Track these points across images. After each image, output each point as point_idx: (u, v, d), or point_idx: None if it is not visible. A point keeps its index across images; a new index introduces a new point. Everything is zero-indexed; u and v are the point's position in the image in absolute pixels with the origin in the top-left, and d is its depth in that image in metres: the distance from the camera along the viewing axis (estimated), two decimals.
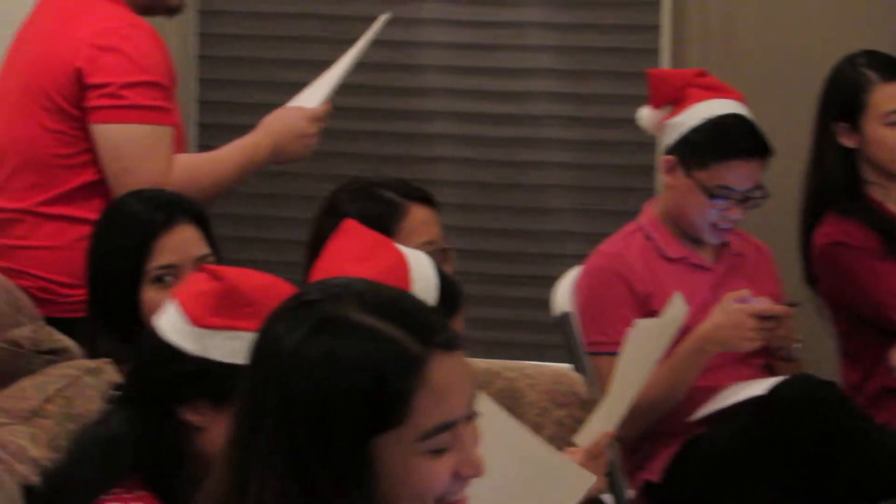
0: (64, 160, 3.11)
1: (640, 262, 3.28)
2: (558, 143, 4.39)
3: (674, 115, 3.25)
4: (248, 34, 4.61)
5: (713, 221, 3.15)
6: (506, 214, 4.29)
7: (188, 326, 1.90)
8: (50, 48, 3.13)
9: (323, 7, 4.41)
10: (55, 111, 3.08)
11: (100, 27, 3.07)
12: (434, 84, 4.39)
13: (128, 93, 3.03)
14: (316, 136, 3.22)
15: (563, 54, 4.43)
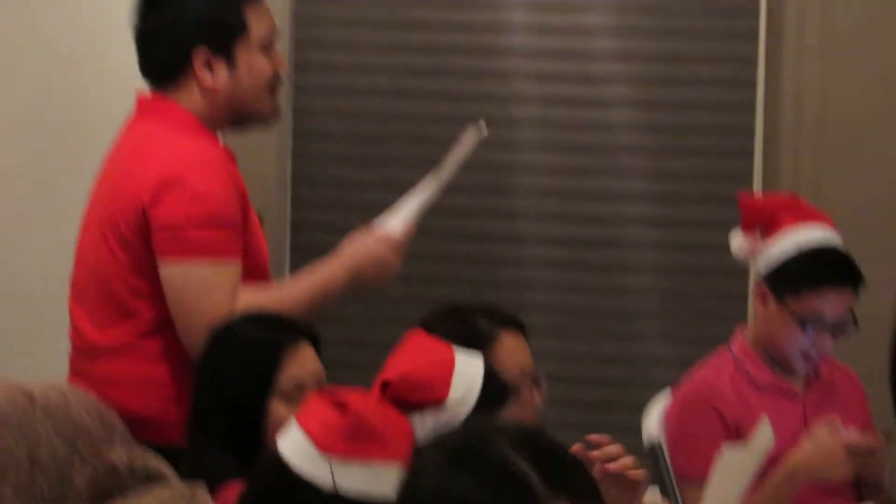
0: (136, 295, 3.17)
1: (731, 389, 3.28)
2: (650, 268, 4.40)
3: (766, 242, 3.25)
4: (340, 154, 4.62)
5: (804, 350, 3.14)
6: (596, 340, 4.28)
7: (316, 454, 1.91)
8: (124, 179, 3.19)
9: (416, 128, 4.46)
10: (127, 245, 3.13)
11: (168, 161, 3.13)
12: (525, 209, 4.40)
13: (187, 228, 3.07)
14: (397, 264, 3.18)
15: (655, 179, 4.43)
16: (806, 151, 4.37)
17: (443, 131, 4.16)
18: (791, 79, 4.38)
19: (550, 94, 4.60)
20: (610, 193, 4.47)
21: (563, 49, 4.58)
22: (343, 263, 3.12)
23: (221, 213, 3.05)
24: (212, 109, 3.15)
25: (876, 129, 4.41)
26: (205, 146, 3.13)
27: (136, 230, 3.03)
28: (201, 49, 3.05)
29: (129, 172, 3.13)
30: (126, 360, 3.09)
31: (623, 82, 4.55)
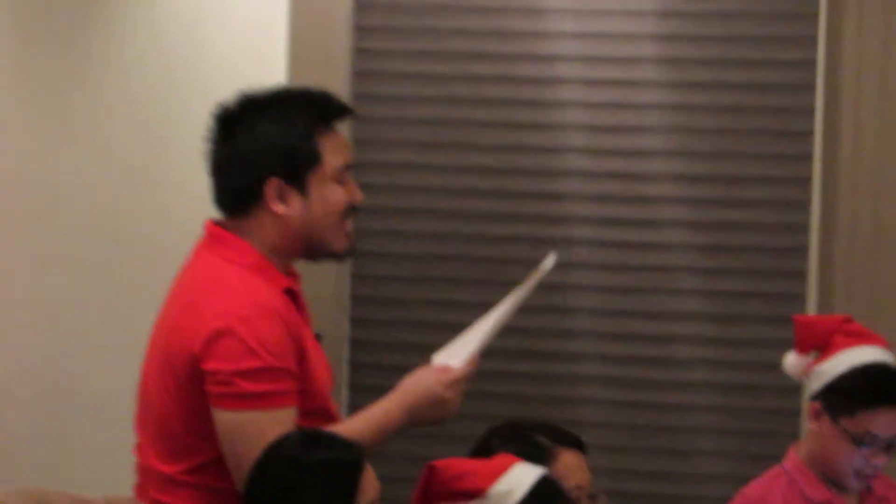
0: (193, 433, 3.10)
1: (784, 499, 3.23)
2: (704, 385, 4.42)
3: (820, 362, 3.20)
4: (397, 276, 4.69)
5: (858, 468, 3.08)
6: (652, 456, 4.30)
7: None
8: (180, 321, 3.13)
9: (477, 249, 4.51)
10: (181, 386, 3.09)
11: (221, 308, 3.03)
12: (582, 326, 4.56)
13: (238, 380, 2.99)
14: (457, 401, 3.09)
15: (710, 298, 4.49)
16: (859, 271, 4.39)
17: (510, 252, 4.37)
18: (845, 207, 4.42)
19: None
20: (664, 312, 4.53)
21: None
22: (401, 401, 3.07)
23: (273, 365, 2.99)
24: (283, 241, 3.11)
25: None
26: (264, 294, 3.06)
27: (189, 376, 3.01)
28: (274, 180, 3.01)
29: (185, 313, 3.10)
30: (180, 489, 3.08)
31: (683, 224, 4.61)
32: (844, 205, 4.43)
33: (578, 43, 4.72)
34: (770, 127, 4.55)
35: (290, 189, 2.99)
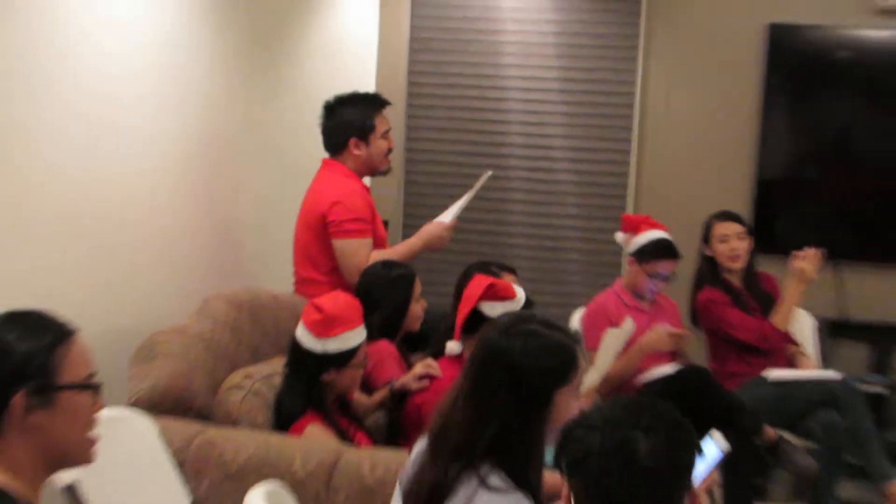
0: (322, 253, 4.41)
1: (613, 307, 4.75)
2: (579, 251, 6.35)
3: (633, 237, 4.83)
4: (432, 191, 6.59)
5: (650, 289, 4.72)
6: (547, 283, 5.94)
7: (310, 336, 3.41)
8: (314, 201, 4.39)
9: (473, 172, 6.19)
10: (316, 232, 4.38)
11: (334, 192, 4.30)
12: (512, 219, 6.54)
13: (345, 224, 4.28)
14: (447, 238, 4.51)
15: (582, 208, 6.52)
16: (652, 197, 6.28)
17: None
18: (647, 161, 6.27)
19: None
20: (552, 213, 6.30)
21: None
22: (420, 237, 4.46)
23: (359, 216, 4.28)
24: (358, 166, 4.43)
25: (686, 188, 6.25)
26: (353, 184, 4.35)
27: (320, 225, 4.30)
28: (353, 138, 4.38)
29: (317, 195, 4.38)
30: (318, 286, 4.27)
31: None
32: (645, 166, 6.33)
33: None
34: (603, 123, 6.43)
35: (361, 141, 4.40)
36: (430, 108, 6.25)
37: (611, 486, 1.71)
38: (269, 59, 5.09)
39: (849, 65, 5.83)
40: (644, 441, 1.70)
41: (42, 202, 3.60)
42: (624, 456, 1.69)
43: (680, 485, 1.75)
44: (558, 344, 2.41)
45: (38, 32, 3.44)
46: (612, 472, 1.70)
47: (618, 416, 1.77)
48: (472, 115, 6.16)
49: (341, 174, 4.36)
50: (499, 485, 2.30)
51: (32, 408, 1.91)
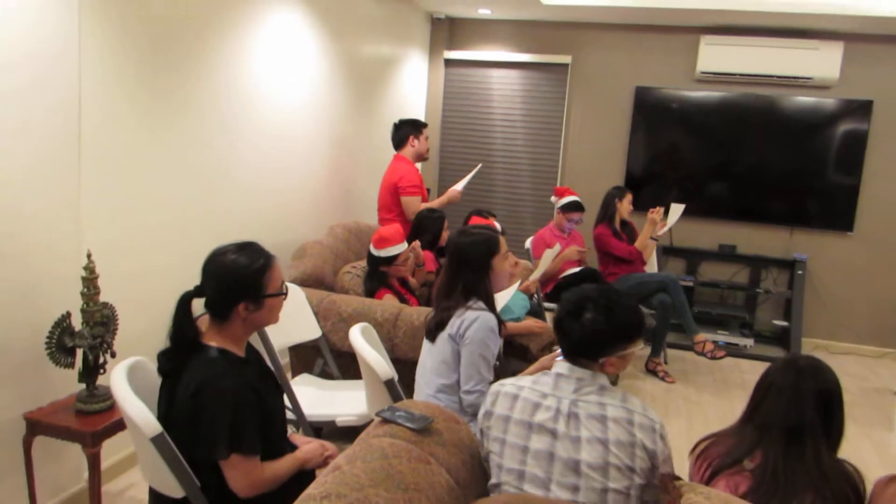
0: (395, 204, 4.31)
1: (548, 236, 4.82)
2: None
3: (559, 199, 4.88)
4: (454, 171, 6.34)
5: (568, 227, 4.86)
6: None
7: (372, 248, 3.29)
8: (391, 174, 4.34)
9: (485, 153, 6.33)
10: (393, 193, 4.29)
11: (401, 170, 4.31)
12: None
13: (407, 189, 4.26)
14: (459, 197, 4.49)
15: (510, 184, 6.33)
16: (574, 177, 6.40)
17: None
18: (568, 160, 6.33)
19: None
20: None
21: None
22: (446, 196, 4.51)
23: (415, 184, 4.29)
24: (413, 156, 4.42)
25: (589, 174, 6.26)
26: (412, 168, 4.37)
27: (394, 190, 4.28)
28: (411, 137, 4.40)
29: (392, 171, 4.35)
30: (388, 221, 4.23)
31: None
32: (567, 162, 6.29)
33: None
34: (546, 140, 6.28)
35: (417, 140, 4.39)
36: (454, 128, 6.58)
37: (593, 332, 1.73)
38: (368, 98, 5.16)
39: (678, 109, 6.01)
40: (591, 313, 1.72)
41: (251, 179, 3.70)
42: (577, 313, 1.72)
43: (612, 347, 1.74)
44: (486, 234, 2.47)
45: (227, 86, 3.42)
46: (573, 321, 1.73)
47: (583, 294, 1.77)
48: (476, 132, 6.53)
49: (404, 161, 4.43)
50: (479, 306, 2.37)
51: (250, 309, 1.85)
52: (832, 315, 6.06)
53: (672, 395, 4.61)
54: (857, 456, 3.86)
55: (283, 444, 1.99)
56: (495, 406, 1.78)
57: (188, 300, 1.86)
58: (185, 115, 3.10)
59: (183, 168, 3.15)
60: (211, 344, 1.86)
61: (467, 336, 2.30)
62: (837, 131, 5.74)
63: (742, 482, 1.69)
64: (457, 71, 6.36)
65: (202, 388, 1.76)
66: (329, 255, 3.68)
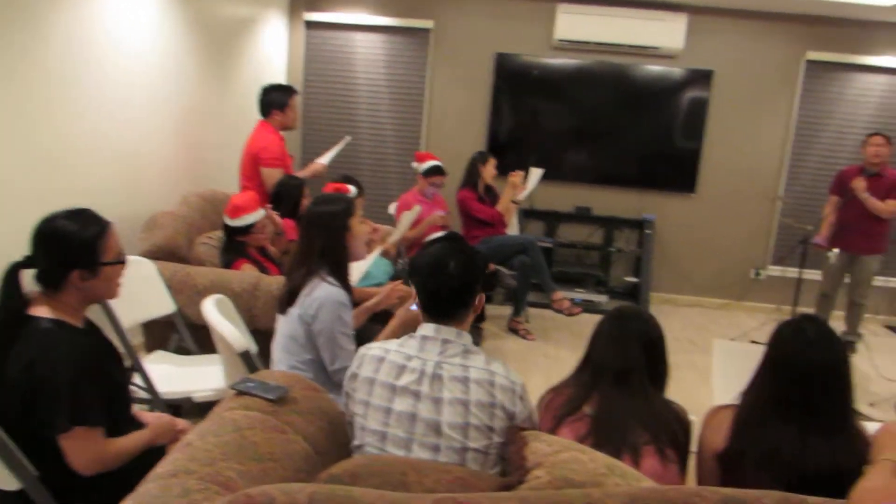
0: (257, 174, 4.11)
1: (411, 199, 4.72)
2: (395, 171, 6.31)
3: (421, 164, 4.81)
4: (319, 139, 6.03)
5: (430, 192, 4.82)
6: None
7: (228, 218, 3.17)
8: (252, 143, 4.13)
9: (341, 125, 6.03)
10: (253, 163, 4.11)
11: (263, 139, 4.11)
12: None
13: (267, 160, 4.07)
14: (324, 170, 4.41)
15: (400, 147, 6.29)
16: (433, 142, 6.43)
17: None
18: (432, 126, 6.35)
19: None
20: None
21: None
22: (309, 169, 4.41)
23: (276, 156, 4.11)
24: (280, 126, 4.22)
25: (451, 140, 6.40)
26: (276, 137, 4.16)
27: (255, 160, 4.09)
28: (276, 110, 4.19)
29: (254, 140, 4.14)
30: (249, 190, 3.94)
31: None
32: (430, 128, 6.31)
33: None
34: (410, 106, 6.31)
35: (285, 111, 4.12)
36: (317, 94, 6.41)
37: (438, 286, 1.75)
38: (224, 62, 4.98)
39: (538, 76, 6.14)
40: (453, 261, 1.75)
41: (92, 144, 3.53)
42: (441, 268, 1.75)
43: (479, 283, 1.80)
44: (340, 197, 2.48)
45: (78, 40, 3.32)
46: (436, 276, 1.75)
47: (441, 249, 1.81)
48: (340, 98, 6.40)
49: (268, 130, 4.25)
50: (332, 281, 2.34)
51: (85, 278, 1.79)
52: (677, 270, 6.46)
53: (533, 352, 4.78)
54: (698, 400, 4.12)
55: (128, 421, 1.95)
56: (361, 369, 1.79)
57: (16, 270, 1.77)
58: (16, 79, 2.95)
59: (14, 133, 2.99)
60: (42, 315, 1.77)
61: (319, 320, 2.29)
62: (682, 99, 6.10)
63: (583, 427, 1.80)
64: (318, 34, 6.20)
65: (37, 359, 1.67)
66: (183, 225, 3.56)
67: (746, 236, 6.36)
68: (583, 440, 1.78)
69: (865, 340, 5.47)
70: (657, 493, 1.21)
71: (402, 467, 1.50)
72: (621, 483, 1.35)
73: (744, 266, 6.43)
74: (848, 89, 6.07)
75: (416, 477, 1.48)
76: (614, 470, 1.40)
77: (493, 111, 6.19)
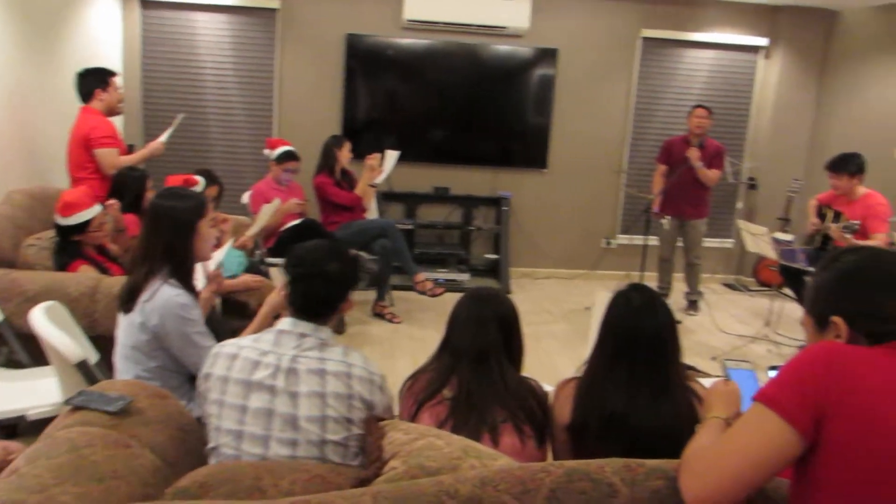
0: (89, 161, 3.97)
1: (266, 189, 4.65)
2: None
3: (272, 151, 4.84)
4: (159, 119, 5.85)
5: (285, 179, 4.81)
6: None
7: (60, 217, 3.04)
8: (79, 127, 4.00)
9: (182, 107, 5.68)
10: (83, 146, 3.96)
11: (91, 121, 3.99)
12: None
13: (101, 141, 3.95)
14: (162, 150, 4.24)
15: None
16: (286, 127, 6.25)
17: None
18: (284, 110, 6.23)
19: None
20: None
21: None
22: (147, 149, 4.20)
23: (109, 135, 3.99)
24: (105, 110, 4.09)
25: (304, 124, 6.23)
26: (103, 119, 4.05)
27: (86, 144, 3.94)
28: (98, 89, 3.96)
29: (80, 123, 4.01)
30: (83, 182, 3.83)
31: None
32: (282, 112, 6.20)
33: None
34: (260, 89, 6.19)
35: (104, 93, 4.03)
36: (158, 78, 6.17)
37: (312, 286, 1.77)
38: (48, 45, 4.69)
39: (390, 57, 6.20)
40: (334, 263, 1.77)
41: None
42: (319, 270, 1.76)
43: (351, 288, 1.86)
44: (192, 195, 2.39)
45: None
46: (314, 277, 1.77)
47: (323, 251, 1.81)
48: (185, 83, 6.18)
49: (94, 113, 4.11)
50: (175, 284, 2.26)
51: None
52: (534, 245, 6.75)
53: (398, 335, 4.88)
54: (555, 368, 4.38)
55: None
56: (214, 367, 1.76)
57: None
58: None
59: None
60: None
61: (166, 329, 2.22)
62: (531, 77, 6.39)
63: (442, 411, 1.84)
64: (156, 14, 6.01)
65: None
66: (7, 225, 3.41)
67: (596, 208, 6.69)
68: (443, 424, 1.82)
69: (706, 298, 5.98)
70: (506, 474, 1.25)
71: (255, 472, 1.46)
72: (477, 465, 1.37)
73: (595, 237, 6.76)
74: (680, 64, 6.58)
75: (271, 480, 1.46)
76: (469, 452, 1.42)
77: (346, 93, 6.21)
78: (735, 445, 1.14)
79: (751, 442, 1.13)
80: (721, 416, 1.36)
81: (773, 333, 5.08)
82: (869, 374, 1.11)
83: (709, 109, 5.41)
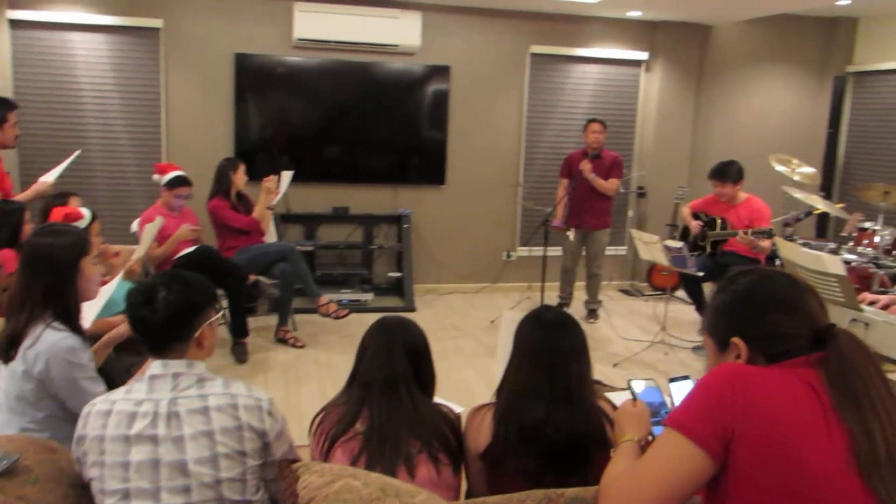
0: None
1: (157, 214, 4.42)
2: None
3: (162, 176, 4.68)
4: (42, 150, 5.49)
5: (177, 205, 4.61)
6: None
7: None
8: None
9: (74, 135, 5.53)
10: None
11: None
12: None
13: None
14: (51, 188, 3.93)
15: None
16: (175, 151, 6.08)
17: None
18: (172, 132, 6.00)
19: None
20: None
21: None
22: (32, 189, 3.92)
23: None
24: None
25: (195, 148, 6.07)
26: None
27: None
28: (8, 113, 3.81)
29: None
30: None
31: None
32: (171, 135, 6.03)
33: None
34: (146, 112, 5.99)
35: (1, 125, 3.82)
36: (32, 105, 5.79)
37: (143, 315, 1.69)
38: None
39: (281, 76, 6.16)
40: (164, 291, 1.68)
41: None
42: (149, 299, 1.67)
43: (201, 316, 1.73)
44: (72, 231, 2.29)
45: None
46: (142, 307, 1.68)
47: (156, 279, 1.73)
48: (62, 108, 5.86)
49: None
50: (60, 327, 2.15)
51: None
52: (436, 261, 6.81)
53: (303, 360, 4.82)
54: (465, 383, 4.41)
55: None
56: (87, 428, 1.67)
57: None
58: None
59: None
60: None
61: (52, 376, 2.11)
62: (425, 94, 6.46)
63: (356, 446, 1.81)
64: (28, 34, 5.72)
65: None
66: None
67: (495, 222, 6.82)
68: (356, 459, 1.79)
69: (605, 306, 6.22)
70: None
71: None
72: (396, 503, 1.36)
73: (496, 250, 6.87)
74: (569, 79, 6.80)
75: None
76: (388, 491, 1.40)
77: (237, 114, 6.13)
78: (650, 471, 1.17)
79: (666, 467, 1.16)
80: (633, 440, 1.40)
81: (667, 336, 5.29)
82: (768, 394, 1.15)
83: (603, 123, 5.62)
